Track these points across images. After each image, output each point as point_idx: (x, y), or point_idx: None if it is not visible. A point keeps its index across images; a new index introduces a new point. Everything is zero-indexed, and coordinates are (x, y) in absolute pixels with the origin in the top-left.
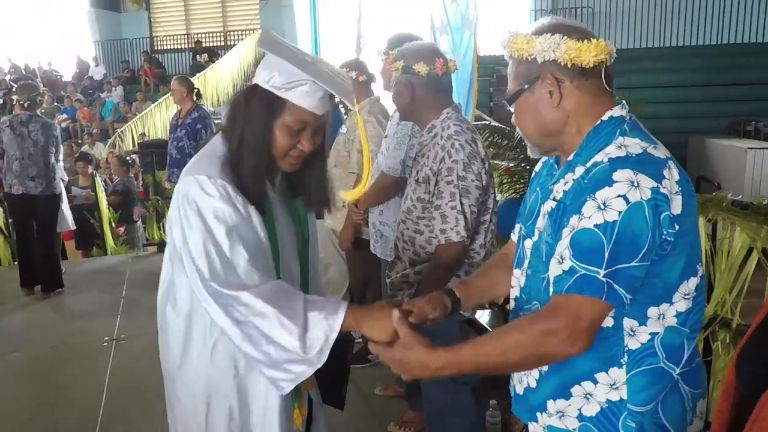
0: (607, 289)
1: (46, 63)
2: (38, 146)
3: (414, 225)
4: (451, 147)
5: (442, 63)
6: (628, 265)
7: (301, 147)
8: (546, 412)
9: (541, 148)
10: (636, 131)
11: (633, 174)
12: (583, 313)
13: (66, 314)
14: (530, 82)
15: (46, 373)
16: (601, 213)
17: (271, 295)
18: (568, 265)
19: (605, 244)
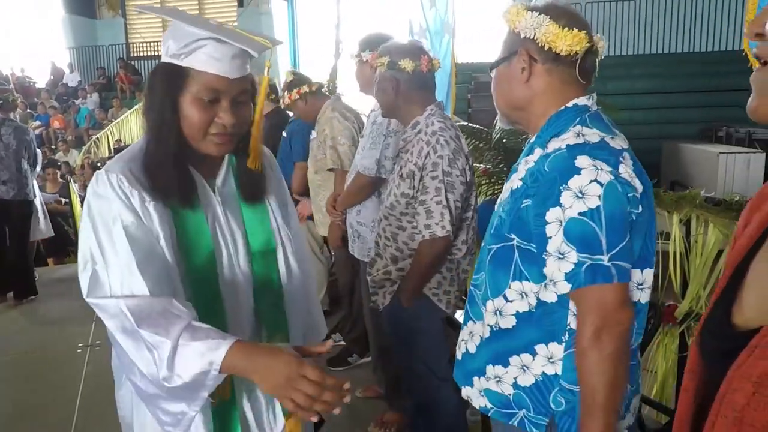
0: (615, 271)
1: (18, 69)
2: (10, 150)
3: (397, 221)
4: (436, 143)
5: (427, 60)
6: (626, 240)
7: (220, 120)
8: (485, 376)
9: (508, 118)
10: (596, 122)
11: (592, 160)
12: (606, 300)
13: (39, 321)
14: (510, 54)
15: (20, 379)
16: (582, 201)
17: (146, 311)
18: (574, 257)
19: (598, 231)
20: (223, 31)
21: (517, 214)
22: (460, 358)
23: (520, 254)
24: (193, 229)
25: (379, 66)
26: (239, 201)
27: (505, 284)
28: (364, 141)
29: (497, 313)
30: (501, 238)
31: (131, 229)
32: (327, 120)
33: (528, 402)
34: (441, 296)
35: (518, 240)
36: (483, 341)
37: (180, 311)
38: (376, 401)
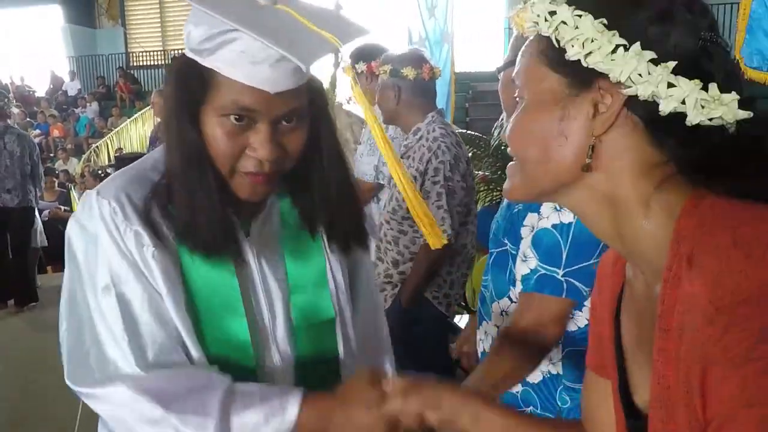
0: (566, 286)
1: (18, 78)
2: (14, 158)
3: (398, 225)
4: (437, 149)
5: (428, 68)
6: (587, 263)
7: (253, 153)
8: None
9: None
10: None
11: None
12: (545, 309)
13: (41, 328)
14: None
15: (21, 386)
16: (558, 214)
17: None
18: (533, 263)
19: (562, 245)
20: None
21: (510, 219)
22: (481, 357)
23: (513, 261)
24: (215, 288)
25: (381, 74)
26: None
27: (506, 287)
28: (361, 148)
29: (503, 314)
30: (498, 243)
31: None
32: (347, 125)
33: (536, 399)
34: (441, 299)
35: (509, 245)
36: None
37: (210, 378)
38: None
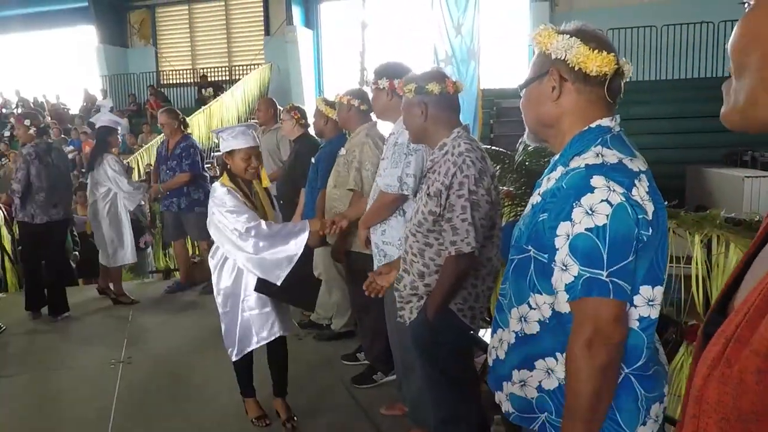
0: (612, 287)
1: (54, 96)
2: (60, 172)
3: (424, 238)
4: (462, 163)
5: (452, 82)
6: (626, 261)
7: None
8: (510, 381)
9: (536, 135)
10: (617, 144)
11: (606, 180)
12: (600, 313)
13: (73, 337)
14: (541, 74)
15: (54, 394)
16: (590, 218)
17: None
18: (575, 270)
19: (601, 247)
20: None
21: (534, 227)
22: (492, 365)
23: (535, 266)
24: None
25: (406, 93)
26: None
27: (527, 293)
28: (384, 163)
29: (522, 320)
30: (520, 250)
31: None
32: (360, 143)
33: (551, 405)
34: (466, 311)
35: (534, 251)
36: (510, 346)
37: None
38: (401, 419)
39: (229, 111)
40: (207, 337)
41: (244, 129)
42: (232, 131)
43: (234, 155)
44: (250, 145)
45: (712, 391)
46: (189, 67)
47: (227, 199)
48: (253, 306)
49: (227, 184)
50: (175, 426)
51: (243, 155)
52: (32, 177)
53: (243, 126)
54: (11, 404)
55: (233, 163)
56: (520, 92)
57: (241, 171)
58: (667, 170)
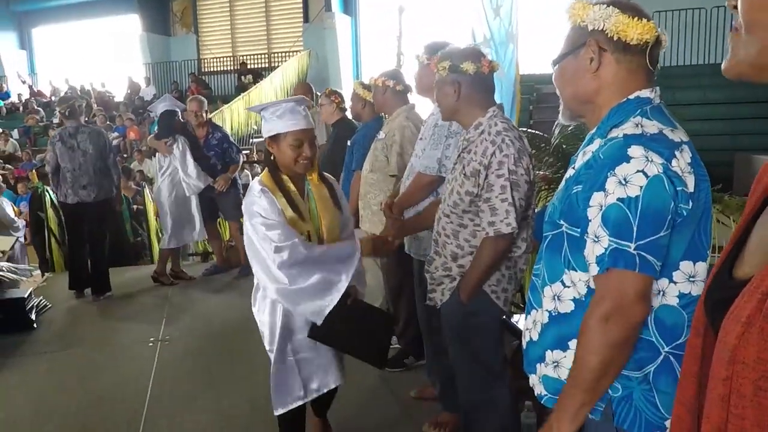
0: (639, 260)
1: (99, 84)
2: (87, 155)
3: (458, 219)
4: (501, 142)
5: (487, 62)
6: (657, 236)
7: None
8: (544, 362)
9: (572, 112)
10: (657, 114)
11: (645, 150)
12: (625, 287)
13: (115, 316)
14: (577, 47)
15: (93, 370)
16: (623, 188)
17: None
18: (605, 242)
19: (632, 219)
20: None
21: (568, 200)
22: (525, 347)
23: (569, 242)
24: None
25: (440, 70)
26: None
27: (561, 270)
28: (422, 143)
29: (556, 298)
30: (553, 225)
31: None
32: (400, 127)
33: None
34: (499, 294)
35: (566, 225)
36: (543, 326)
37: None
38: (431, 402)
39: (268, 98)
40: (242, 319)
41: (293, 105)
42: (276, 108)
43: (279, 141)
44: (302, 127)
45: (750, 350)
46: (229, 55)
47: (258, 203)
48: (303, 348)
49: (266, 181)
50: (209, 406)
51: (291, 140)
52: (58, 158)
53: (291, 101)
54: (52, 379)
55: (278, 151)
56: (554, 67)
57: (288, 162)
58: (716, 157)
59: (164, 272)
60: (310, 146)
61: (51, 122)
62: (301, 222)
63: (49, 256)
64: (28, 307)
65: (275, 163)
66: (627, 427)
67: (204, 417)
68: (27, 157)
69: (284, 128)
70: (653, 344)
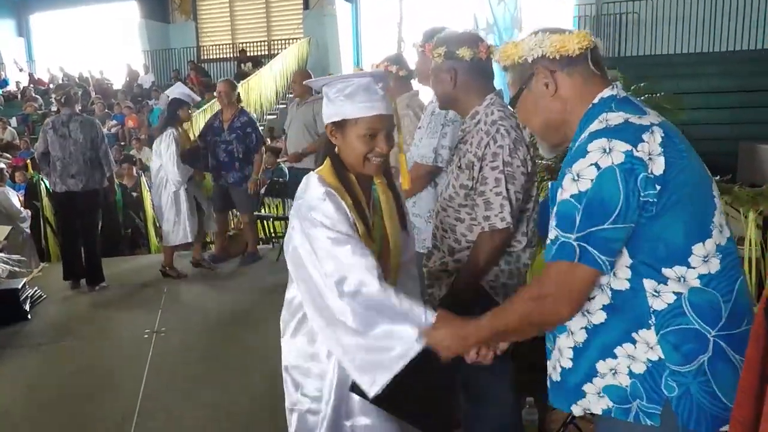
0: (579, 251)
1: (98, 72)
2: (78, 144)
3: (455, 213)
4: (496, 132)
5: (485, 47)
6: (599, 227)
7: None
8: (598, 375)
9: (551, 143)
10: (623, 105)
11: (607, 141)
12: (566, 278)
13: (110, 307)
14: (526, 81)
15: (89, 361)
16: (575, 184)
17: None
18: (553, 234)
19: (576, 211)
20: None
21: None
22: (558, 381)
23: None
24: None
25: (436, 57)
26: None
27: None
28: (421, 132)
29: (585, 313)
30: None
31: None
32: (400, 115)
33: (641, 390)
34: (498, 289)
35: None
36: (580, 348)
37: None
38: None
39: (267, 86)
40: (240, 311)
41: (368, 83)
42: (345, 85)
43: (346, 129)
44: (378, 113)
45: None
46: (228, 42)
47: (321, 209)
48: (363, 410)
49: (329, 180)
50: (205, 399)
51: (363, 129)
52: (48, 146)
53: (366, 76)
54: (46, 371)
55: (343, 142)
56: (514, 109)
57: (355, 159)
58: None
59: (170, 264)
60: (386, 139)
61: (49, 110)
62: (367, 239)
63: (44, 245)
64: (22, 298)
65: (339, 159)
66: (694, 426)
67: (201, 411)
68: (25, 145)
69: (354, 113)
70: (698, 332)
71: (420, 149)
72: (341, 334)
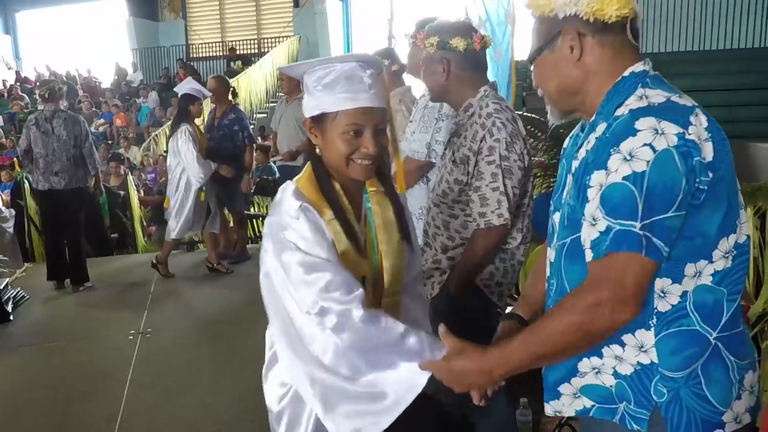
0: (645, 242)
1: (85, 70)
2: (61, 141)
3: (449, 209)
4: (492, 125)
5: (479, 37)
6: (664, 215)
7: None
8: (578, 374)
9: (561, 108)
10: (658, 83)
11: (656, 121)
12: (627, 274)
13: (95, 308)
14: (551, 39)
15: (72, 363)
16: (628, 164)
17: None
18: (603, 224)
19: (637, 196)
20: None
21: (583, 194)
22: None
23: None
24: None
25: (428, 47)
26: None
27: (583, 276)
28: (413, 126)
29: None
30: (575, 228)
31: None
32: (393, 111)
33: (629, 393)
34: (493, 288)
35: None
36: None
37: None
38: None
39: (258, 84)
40: (227, 311)
41: (352, 68)
42: (326, 72)
43: (325, 126)
44: (363, 105)
45: None
46: (218, 40)
47: (295, 228)
48: None
49: (307, 191)
50: (191, 400)
51: (345, 125)
52: (31, 143)
53: (351, 60)
54: (28, 373)
55: (324, 142)
56: (531, 66)
57: (337, 161)
58: None
59: (164, 260)
60: (374, 137)
61: (36, 108)
62: (357, 259)
63: (29, 245)
64: (4, 298)
65: (321, 162)
66: None
67: (186, 413)
68: (11, 144)
69: (334, 105)
70: (700, 334)
71: (412, 144)
72: (319, 374)
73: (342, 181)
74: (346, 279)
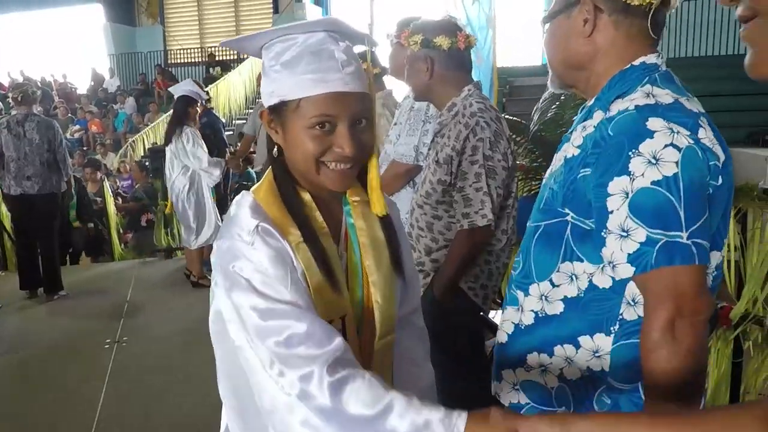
0: (695, 250)
1: (61, 76)
2: (34, 145)
3: (432, 210)
4: (475, 125)
5: (464, 36)
6: (704, 217)
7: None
8: (524, 366)
9: (561, 80)
10: (668, 82)
11: (666, 123)
12: (683, 285)
13: (69, 317)
14: (570, 5)
15: (45, 374)
16: (656, 168)
17: None
18: (642, 235)
19: (675, 204)
20: None
21: (572, 186)
22: (499, 347)
23: (572, 231)
24: None
25: (411, 45)
26: None
27: (553, 266)
28: (398, 128)
29: (543, 298)
30: (552, 213)
31: None
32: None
33: (570, 399)
34: (478, 291)
35: (573, 215)
36: (522, 329)
37: None
38: None
39: (237, 90)
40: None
41: (320, 42)
42: (286, 45)
43: (286, 118)
44: (335, 90)
45: None
46: (197, 46)
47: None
48: None
49: (267, 204)
50: (166, 410)
51: (309, 118)
52: (2, 146)
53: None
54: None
55: (285, 140)
56: (543, 27)
57: (305, 164)
58: None
59: (202, 274)
60: (352, 132)
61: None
62: (333, 295)
63: (0, 253)
64: None
65: (285, 167)
66: None
67: (161, 422)
68: None
69: (296, 90)
70: None
71: (399, 147)
72: None
73: (313, 190)
74: (315, 327)
